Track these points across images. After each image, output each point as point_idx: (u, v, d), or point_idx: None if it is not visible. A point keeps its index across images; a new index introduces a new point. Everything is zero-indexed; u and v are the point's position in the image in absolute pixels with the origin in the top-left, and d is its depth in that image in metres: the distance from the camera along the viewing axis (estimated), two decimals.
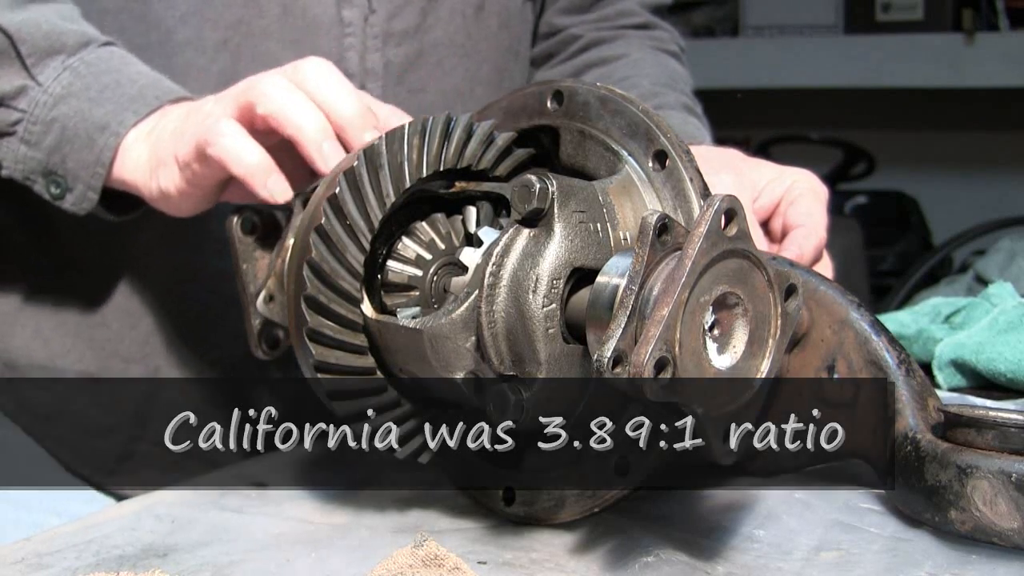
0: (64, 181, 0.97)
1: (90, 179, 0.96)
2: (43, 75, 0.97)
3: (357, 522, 0.81)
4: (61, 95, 0.96)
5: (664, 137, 0.76)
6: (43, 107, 0.96)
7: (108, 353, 1.12)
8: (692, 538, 0.75)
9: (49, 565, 0.73)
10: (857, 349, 0.80)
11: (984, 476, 0.70)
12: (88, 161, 0.96)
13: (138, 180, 0.95)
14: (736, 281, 0.64)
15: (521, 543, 0.76)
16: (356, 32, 1.09)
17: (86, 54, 0.98)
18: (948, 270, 2.98)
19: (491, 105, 0.85)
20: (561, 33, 1.36)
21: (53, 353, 1.12)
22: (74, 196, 0.97)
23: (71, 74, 0.97)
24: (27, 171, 0.98)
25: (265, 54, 1.06)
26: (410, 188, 0.76)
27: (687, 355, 0.62)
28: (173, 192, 0.92)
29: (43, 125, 0.96)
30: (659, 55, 1.34)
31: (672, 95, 1.25)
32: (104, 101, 0.95)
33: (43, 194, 0.98)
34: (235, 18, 1.06)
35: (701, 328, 0.63)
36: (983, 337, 1.10)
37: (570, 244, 0.71)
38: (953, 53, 3.27)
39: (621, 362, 0.62)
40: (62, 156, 0.96)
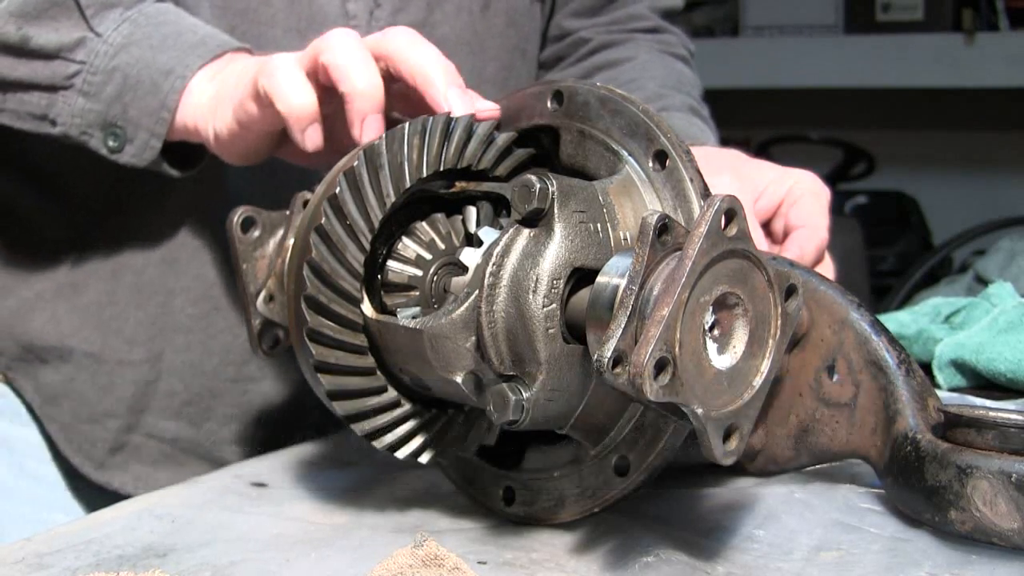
0: (124, 132, 0.97)
1: (154, 125, 0.96)
2: (102, 26, 0.97)
3: (357, 522, 0.81)
4: (122, 44, 0.96)
5: (664, 137, 0.76)
6: (103, 57, 0.96)
7: (112, 331, 1.12)
8: (692, 538, 0.75)
9: (49, 565, 0.73)
10: (857, 349, 0.80)
11: (984, 476, 0.70)
12: (152, 107, 0.95)
13: (199, 122, 0.95)
14: (736, 281, 0.64)
15: (521, 543, 0.76)
16: (361, 25, 1.10)
17: (144, 6, 0.98)
18: (948, 270, 2.99)
19: None
20: (571, 36, 1.36)
21: (64, 333, 1.12)
22: (135, 147, 0.97)
23: (131, 24, 0.97)
24: (84, 125, 0.98)
25: (271, 42, 1.06)
26: (410, 188, 0.76)
27: (687, 355, 0.62)
28: (225, 133, 0.92)
29: (104, 75, 0.96)
30: (667, 58, 1.34)
31: (678, 97, 1.25)
32: (167, 48, 0.96)
33: (99, 149, 0.98)
34: (242, 6, 1.06)
35: (701, 328, 0.63)
36: (983, 337, 1.10)
37: (570, 244, 0.71)
38: (953, 53, 3.27)
39: (621, 362, 0.62)
40: (123, 105, 0.96)
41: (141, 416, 1.14)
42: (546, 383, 0.70)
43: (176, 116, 0.96)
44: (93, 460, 1.14)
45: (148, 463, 1.15)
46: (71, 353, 1.12)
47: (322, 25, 1.07)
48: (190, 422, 1.15)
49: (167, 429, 1.15)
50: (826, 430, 0.82)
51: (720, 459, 0.65)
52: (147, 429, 1.15)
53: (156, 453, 1.15)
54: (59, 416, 1.14)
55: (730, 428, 0.64)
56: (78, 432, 1.14)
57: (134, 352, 1.13)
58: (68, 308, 1.12)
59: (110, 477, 1.15)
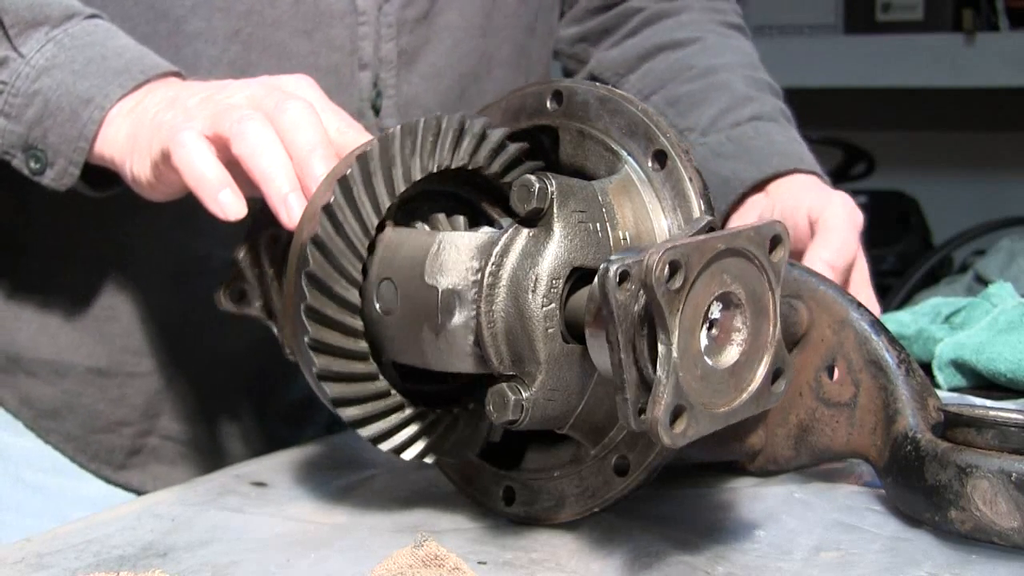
0: (45, 156, 0.95)
1: (72, 153, 0.94)
2: (26, 47, 0.94)
3: (357, 522, 0.81)
4: (44, 67, 0.94)
5: (663, 137, 0.76)
6: (25, 79, 0.94)
7: (119, 347, 1.11)
8: (692, 538, 0.75)
9: (49, 565, 0.73)
10: (857, 349, 0.80)
11: (984, 476, 0.70)
12: (71, 135, 0.93)
13: (115, 157, 0.93)
14: (733, 276, 0.65)
15: (521, 543, 0.76)
16: (370, 20, 1.08)
17: (71, 26, 0.95)
18: (948, 270, 2.98)
19: (491, 105, 0.85)
20: (619, 6, 1.31)
21: (61, 348, 1.11)
22: (55, 171, 0.95)
23: (55, 46, 0.94)
24: (6, 145, 0.95)
25: (277, 44, 1.05)
26: (404, 192, 0.76)
27: (688, 367, 0.62)
28: (144, 182, 0.91)
29: (25, 98, 0.94)
30: (731, 35, 1.29)
31: (768, 100, 1.21)
32: (89, 74, 0.93)
33: (22, 169, 0.96)
34: (246, 7, 1.04)
35: (699, 339, 0.63)
36: (983, 337, 1.10)
37: (569, 244, 0.71)
38: (953, 53, 3.27)
39: (643, 411, 0.63)
40: (44, 130, 0.94)
41: (155, 421, 1.14)
42: (545, 383, 0.70)
43: (95, 146, 0.94)
44: (112, 464, 1.14)
45: (167, 463, 1.15)
46: (71, 368, 1.11)
47: (329, 25, 1.06)
48: (205, 422, 1.15)
49: (183, 431, 1.15)
50: (826, 430, 0.82)
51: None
52: (163, 432, 1.15)
53: (174, 453, 1.15)
54: (62, 428, 1.13)
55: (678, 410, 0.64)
56: (92, 441, 1.13)
57: (143, 364, 1.12)
58: (61, 323, 1.11)
59: (129, 478, 1.15)
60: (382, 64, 1.09)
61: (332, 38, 1.06)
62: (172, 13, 1.04)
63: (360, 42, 1.08)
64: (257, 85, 0.89)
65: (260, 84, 0.89)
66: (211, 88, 0.90)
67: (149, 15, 1.04)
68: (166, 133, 0.87)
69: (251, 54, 1.05)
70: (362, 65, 1.08)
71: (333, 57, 1.07)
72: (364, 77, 1.08)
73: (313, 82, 0.91)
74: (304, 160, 0.82)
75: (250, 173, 0.83)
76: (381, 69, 1.09)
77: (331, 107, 0.89)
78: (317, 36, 1.06)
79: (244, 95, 0.88)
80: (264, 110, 0.85)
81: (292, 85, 0.90)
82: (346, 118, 0.89)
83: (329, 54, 1.06)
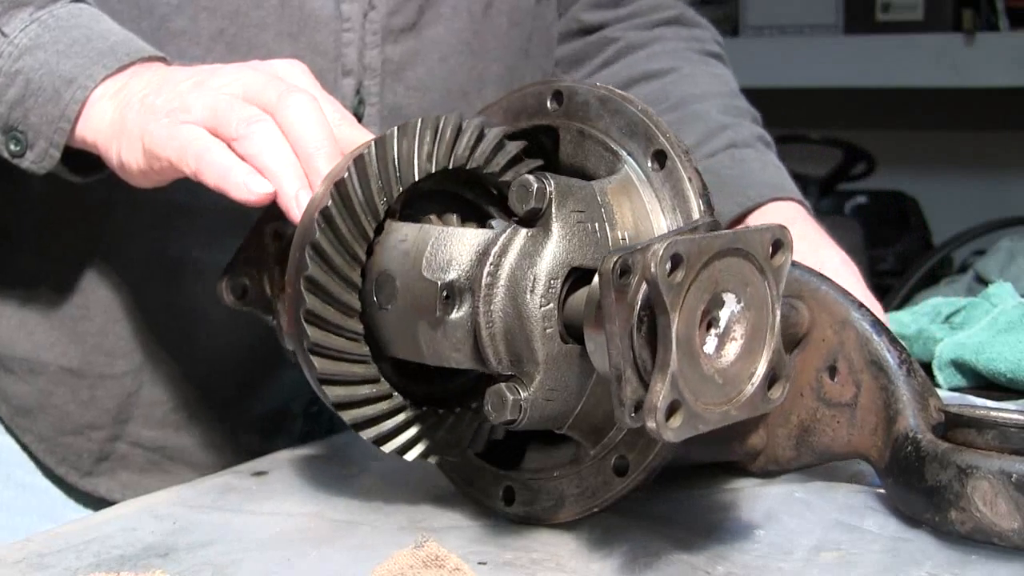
0: (25, 137, 0.93)
1: (53, 135, 0.92)
2: (9, 26, 0.93)
3: (358, 521, 0.81)
4: (27, 47, 0.92)
5: (663, 137, 0.76)
6: (7, 59, 0.92)
7: (91, 347, 1.09)
8: (692, 538, 0.75)
9: (49, 565, 0.73)
10: (858, 349, 0.80)
11: (984, 476, 0.70)
12: (53, 115, 0.92)
13: (99, 142, 0.92)
14: (732, 277, 0.65)
15: (521, 543, 0.76)
16: (355, 27, 1.07)
17: (56, 8, 0.94)
18: (948, 270, 2.98)
19: (491, 105, 0.85)
20: (594, 34, 1.30)
21: (37, 345, 1.10)
22: (35, 153, 0.93)
23: (39, 26, 0.93)
24: None
25: (261, 46, 1.04)
26: (401, 194, 0.76)
27: (688, 370, 0.62)
28: (134, 168, 0.89)
29: (6, 77, 0.92)
30: (709, 63, 1.29)
31: (745, 126, 1.21)
32: (73, 55, 0.92)
33: (1, 151, 0.94)
34: (232, 8, 1.03)
35: (698, 338, 0.63)
36: (983, 337, 1.10)
37: (568, 244, 0.71)
38: (953, 53, 3.27)
39: (639, 408, 0.63)
40: (25, 110, 0.92)
41: (125, 426, 1.12)
42: (544, 383, 0.70)
43: (76, 128, 0.92)
44: (79, 469, 1.12)
45: (135, 470, 1.13)
46: (45, 367, 1.10)
47: (315, 29, 1.05)
48: (175, 430, 1.13)
49: (153, 438, 1.12)
50: (827, 430, 0.82)
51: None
52: (132, 438, 1.12)
53: (143, 460, 1.13)
54: (35, 428, 1.12)
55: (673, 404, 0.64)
56: (60, 444, 1.12)
57: (116, 366, 1.10)
58: (39, 320, 1.10)
59: (96, 485, 1.13)
60: (366, 71, 1.08)
61: (316, 43, 1.05)
62: (157, 10, 1.03)
63: (344, 48, 1.07)
64: (250, 71, 0.88)
65: (253, 69, 0.88)
66: (202, 73, 0.89)
67: (133, 12, 1.02)
68: (164, 121, 0.86)
69: (235, 55, 1.03)
70: (345, 71, 1.07)
71: (317, 62, 1.04)
72: (347, 84, 1.07)
73: (305, 68, 0.90)
74: (310, 158, 0.82)
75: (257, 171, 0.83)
76: (365, 77, 1.08)
77: (327, 97, 0.88)
78: (302, 40, 1.05)
79: (240, 83, 0.86)
80: (265, 102, 0.84)
81: (285, 70, 0.89)
82: (340, 108, 0.88)
83: (313, 59, 1.04)
